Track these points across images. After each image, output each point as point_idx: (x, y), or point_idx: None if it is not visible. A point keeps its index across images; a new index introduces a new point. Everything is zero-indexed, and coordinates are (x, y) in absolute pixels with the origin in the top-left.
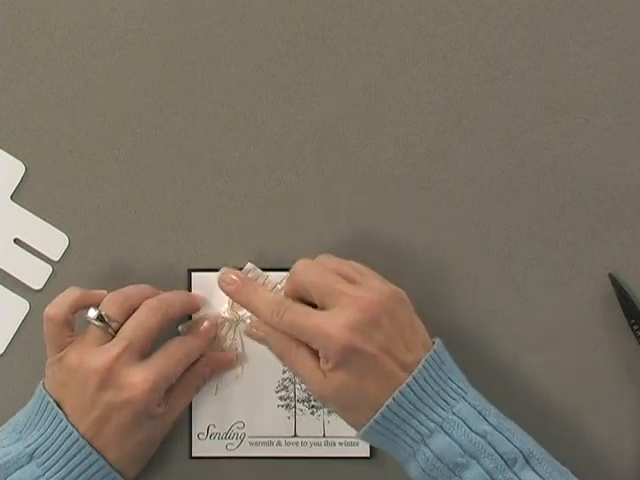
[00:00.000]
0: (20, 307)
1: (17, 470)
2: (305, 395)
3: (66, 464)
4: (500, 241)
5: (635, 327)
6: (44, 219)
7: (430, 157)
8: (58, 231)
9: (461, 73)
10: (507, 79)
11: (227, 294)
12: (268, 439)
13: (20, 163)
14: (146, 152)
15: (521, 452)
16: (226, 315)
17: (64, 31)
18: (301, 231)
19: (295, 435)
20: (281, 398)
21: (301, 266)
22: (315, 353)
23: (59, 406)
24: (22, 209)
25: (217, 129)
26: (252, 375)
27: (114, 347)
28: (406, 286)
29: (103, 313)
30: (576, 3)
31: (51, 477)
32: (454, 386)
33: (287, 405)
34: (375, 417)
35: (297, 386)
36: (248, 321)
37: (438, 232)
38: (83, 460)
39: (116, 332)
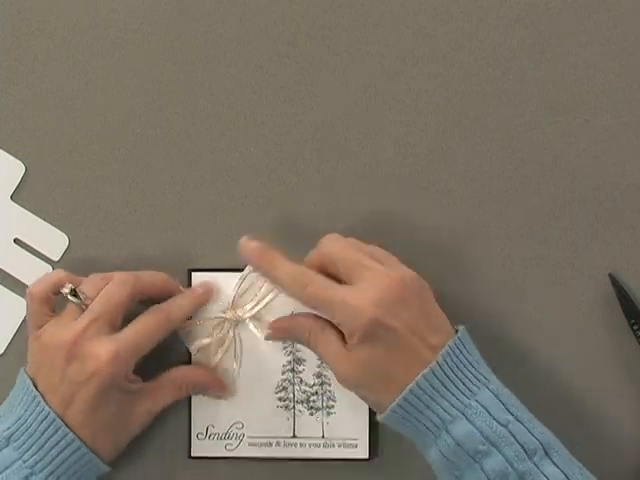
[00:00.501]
0: (20, 307)
1: None
2: (304, 396)
3: (42, 446)
4: (500, 241)
5: (635, 327)
6: (44, 219)
7: (430, 157)
8: (58, 231)
9: (461, 73)
10: (507, 79)
11: (248, 263)
12: (267, 440)
13: (20, 163)
14: (146, 152)
15: (541, 443)
16: (226, 315)
17: (64, 31)
18: (301, 231)
19: (294, 436)
20: (280, 399)
21: (329, 240)
22: (340, 333)
23: (35, 387)
24: (22, 209)
25: (217, 129)
26: (251, 376)
27: (81, 320)
28: None
29: (77, 289)
30: (576, 3)
31: (28, 460)
32: (477, 374)
33: (286, 406)
34: (397, 401)
35: (296, 387)
36: (248, 321)
37: (438, 232)
38: (59, 441)
39: None
